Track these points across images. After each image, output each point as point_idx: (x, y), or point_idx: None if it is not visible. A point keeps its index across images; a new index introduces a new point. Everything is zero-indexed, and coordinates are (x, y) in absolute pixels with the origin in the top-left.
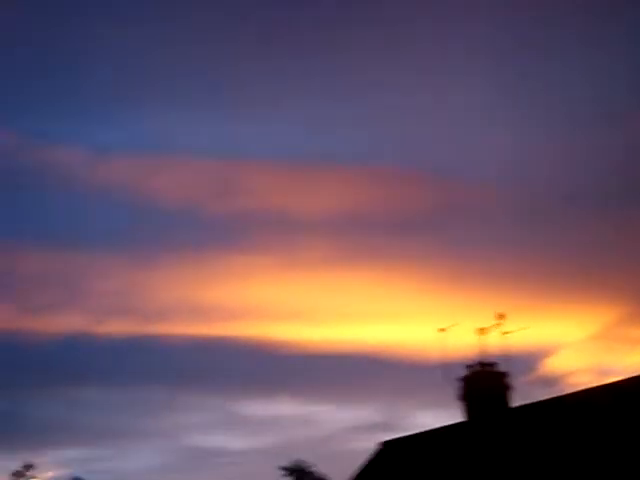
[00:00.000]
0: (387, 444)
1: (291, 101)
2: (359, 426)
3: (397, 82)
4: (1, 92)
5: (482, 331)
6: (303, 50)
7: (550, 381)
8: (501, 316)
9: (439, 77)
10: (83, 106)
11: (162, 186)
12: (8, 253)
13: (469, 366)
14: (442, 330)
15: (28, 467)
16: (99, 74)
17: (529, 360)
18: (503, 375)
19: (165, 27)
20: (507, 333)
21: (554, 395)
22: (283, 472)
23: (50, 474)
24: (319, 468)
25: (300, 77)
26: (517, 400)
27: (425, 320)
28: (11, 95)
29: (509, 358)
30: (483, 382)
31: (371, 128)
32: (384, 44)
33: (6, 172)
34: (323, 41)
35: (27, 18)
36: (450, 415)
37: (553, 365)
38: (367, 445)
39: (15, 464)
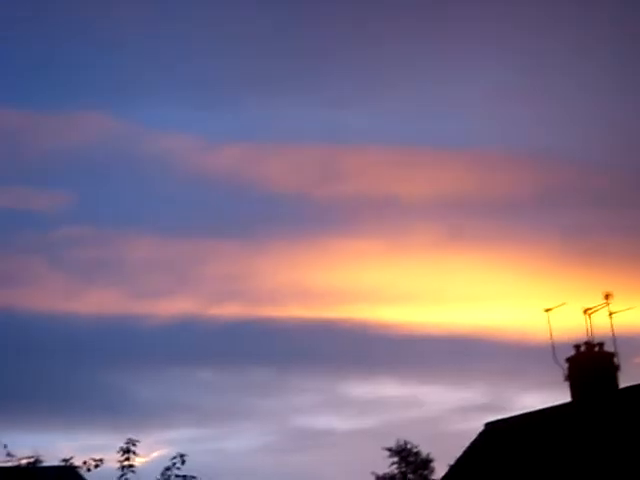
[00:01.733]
0: (491, 425)
1: (398, 85)
2: (465, 407)
3: (504, 64)
4: (118, 83)
5: (589, 311)
6: (410, 34)
7: None
8: (608, 296)
9: (546, 59)
10: (193, 95)
11: (271, 172)
12: (122, 239)
13: (576, 347)
14: (549, 310)
15: (132, 443)
16: (209, 63)
17: (637, 340)
18: (610, 356)
19: (274, 15)
20: (615, 313)
21: None
22: (388, 453)
23: (155, 453)
24: (424, 449)
25: (406, 61)
26: (625, 381)
27: (532, 301)
28: (127, 85)
29: (617, 338)
30: (590, 363)
31: (479, 110)
32: (489, 27)
33: (119, 160)
34: (430, 25)
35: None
36: (556, 396)
37: None
38: (473, 426)
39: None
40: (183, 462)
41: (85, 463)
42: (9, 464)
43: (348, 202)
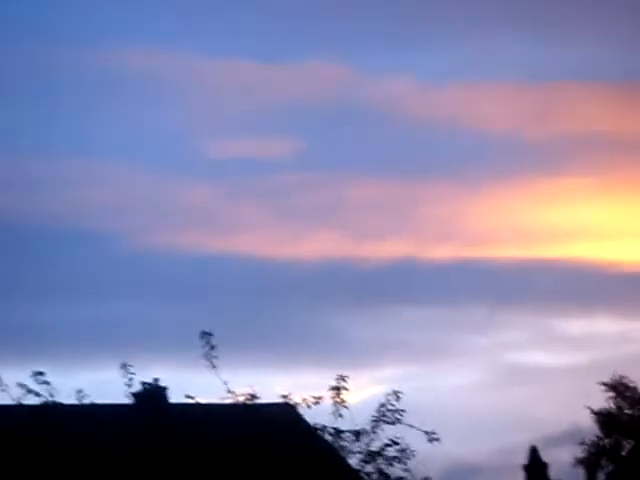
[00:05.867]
0: None
1: (611, 21)
2: None
3: None
4: (338, 31)
5: None
6: None
7: None
8: None
9: None
10: (405, 38)
11: (484, 113)
12: (342, 183)
13: None
14: None
15: (342, 379)
16: (415, 4)
17: None
18: None
19: None
20: None
21: None
22: (602, 389)
23: (368, 391)
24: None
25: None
26: None
27: None
28: (344, 33)
29: None
30: None
31: None
32: None
33: (343, 107)
34: None
35: None
36: None
37: None
38: None
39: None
40: (397, 399)
41: (304, 400)
42: (229, 401)
43: (562, 141)
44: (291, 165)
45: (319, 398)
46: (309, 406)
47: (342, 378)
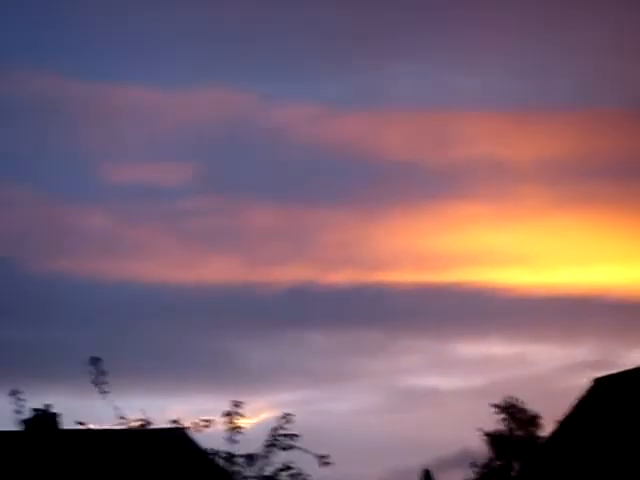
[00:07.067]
0: (600, 381)
1: (513, 51)
2: (572, 365)
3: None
4: (240, 57)
5: None
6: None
7: None
8: None
9: None
10: (307, 64)
11: (384, 139)
12: (242, 208)
13: None
14: None
15: (237, 405)
16: (320, 31)
17: None
18: None
19: None
20: None
21: None
22: (495, 410)
23: (264, 415)
24: (532, 406)
25: (513, 28)
26: None
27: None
28: (246, 59)
29: None
30: None
31: (585, 71)
32: None
33: (240, 132)
34: None
35: None
36: None
37: None
38: (580, 383)
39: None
40: (288, 422)
41: (194, 424)
42: (120, 427)
43: (460, 167)
44: (191, 190)
45: (209, 422)
46: (199, 430)
47: (237, 404)
